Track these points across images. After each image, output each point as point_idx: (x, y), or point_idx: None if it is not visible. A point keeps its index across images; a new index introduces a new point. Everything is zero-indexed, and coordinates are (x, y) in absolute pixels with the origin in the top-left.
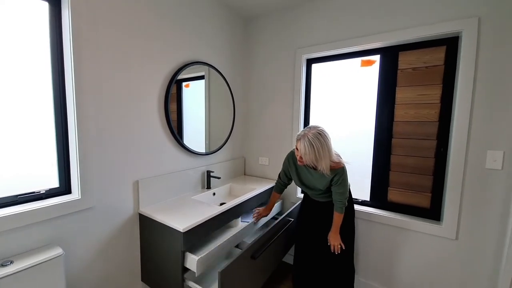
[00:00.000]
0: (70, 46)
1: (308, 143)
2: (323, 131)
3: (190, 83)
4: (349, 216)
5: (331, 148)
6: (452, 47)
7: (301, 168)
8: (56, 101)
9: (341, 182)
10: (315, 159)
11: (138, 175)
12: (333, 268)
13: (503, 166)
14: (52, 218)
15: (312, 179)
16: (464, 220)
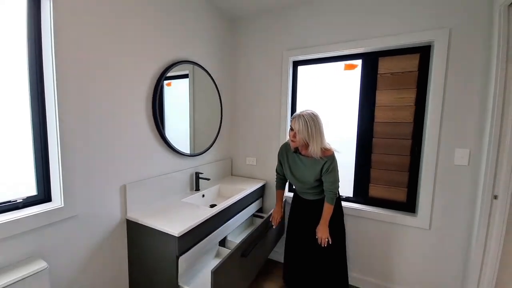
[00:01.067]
0: (51, 44)
1: (303, 120)
2: (318, 115)
3: (172, 82)
4: (338, 213)
5: (323, 132)
6: (425, 55)
7: (293, 158)
8: (34, 99)
9: (331, 170)
10: (307, 136)
11: (125, 179)
12: (326, 266)
13: (469, 162)
14: (32, 229)
15: (304, 169)
16: (436, 212)
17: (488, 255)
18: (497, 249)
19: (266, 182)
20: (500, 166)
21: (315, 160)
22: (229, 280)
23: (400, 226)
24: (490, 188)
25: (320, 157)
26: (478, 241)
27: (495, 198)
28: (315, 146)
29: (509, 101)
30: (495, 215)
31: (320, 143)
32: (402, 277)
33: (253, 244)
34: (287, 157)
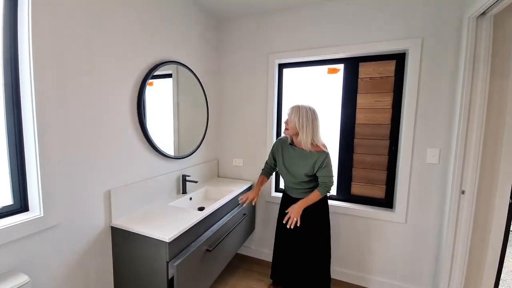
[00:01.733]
0: (28, 45)
1: (296, 110)
2: (315, 110)
3: (154, 81)
4: (325, 211)
5: (316, 127)
6: (401, 61)
7: (287, 150)
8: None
9: (326, 165)
10: (298, 125)
11: (110, 184)
12: (311, 263)
13: (439, 161)
14: (10, 242)
15: (296, 161)
16: (411, 207)
17: (458, 245)
18: (466, 239)
19: (253, 183)
20: (466, 163)
21: (308, 153)
22: (193, 274)
23: (380, 221)
24: (458, 184)
25: (310, 150)
26: (448, 232)
27: (463, 193)
28: (304, 136)
29: (474, 105)
30: (463, 209)
31: (310, 135)
32: (381, 268)
33: (219, 239)
34: (282, 150)
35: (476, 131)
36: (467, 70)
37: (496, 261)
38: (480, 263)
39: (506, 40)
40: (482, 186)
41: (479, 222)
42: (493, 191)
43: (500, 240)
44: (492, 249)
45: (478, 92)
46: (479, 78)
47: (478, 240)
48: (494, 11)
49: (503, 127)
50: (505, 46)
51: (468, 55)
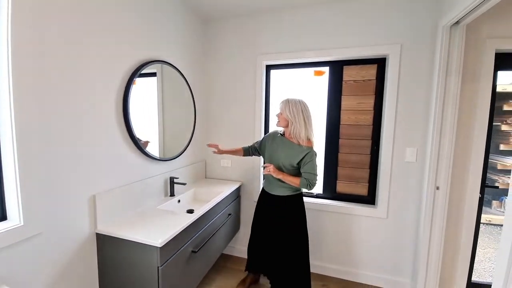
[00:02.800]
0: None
1: (287, 102)
2: (306, 103)
3: (137, 80)
4: (301, 209)
5: (308, 119)
6: (382, 66)
7: (277, 140)
8: None
9: (311, 161)
10: (289, 115)
11: (94, 189)
12: (289, 260)
13: (417, 159)
14: None
15: (282, 150)
16: (392, 203)
17: (434, 237)
18: (441, 231)
19: (242, 183)
20: (440, 161)
21: (295, 145)
22: (179, 275)
23: (363, 217)
24: (433, 180)
25: (299, 143)
26: (425, 225)
27: (437, 189)
28: (298, 126)
29: (447, 107)
30: (438, 203)
31: (302, 126)
32: (365, 261)
33: (204, 240)
34: (272, 140)
35: (449, 131)
36: (441, 75)
37: (469, 251)
38: (455, 253)
39: (477, 48)
40: (455, 182)
41: (452, 215)
42: (464, 186)
43: (472, 231)
44: (465, 239)
45: (451, 96)
46: (451, 82)
47: (452, 231)
48: (467, 21)
49: (473, 127)
50: (475, 53)
51: (442, 61)
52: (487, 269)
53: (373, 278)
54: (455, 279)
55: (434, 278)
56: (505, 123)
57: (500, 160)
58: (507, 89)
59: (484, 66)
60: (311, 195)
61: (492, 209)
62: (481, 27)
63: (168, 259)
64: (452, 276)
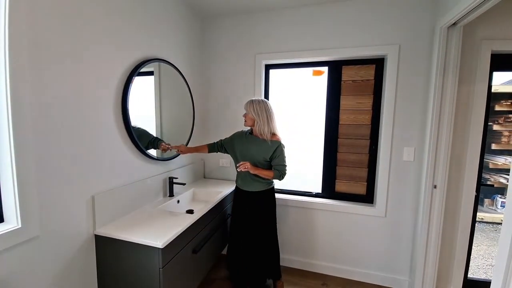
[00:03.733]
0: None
1: (251, 102)
2: (267, 102)
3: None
4: (272, 203)
5: (271, 116)
6: (380, 66)
7: (246, 138)
8: None
9: (280, 154)
10: (254, 114)
11: (93, 190)
12: (262, 252)
13: (415, 159)
14: None
15: (252, 147)
16: (390, 201)
17: (432, 234)
18: (438, 228)
19: None
20: (438, 160)
21: (263, 141)
22: (180, 276)
23: (362, 216)
24: (431, 179)
25: (266, 139)
26: (423, 223)
27: (435, 188)
28: (261, 124)
29: (444, 107)
30: (435, 202)
31: (266, 123)
32: (364, 260)
33: (204, 240)
34: (240, 139)
35: (446, 131)
36: (438, 76)
37: (465, 248)
38: (451, 250)
39: (473, 49)
40: (451, 181)
41: (449, 213)
42: (461, 185)
43: (468, 229)
44: (461, 237)
45: (448, 96)
46: (448, 83)
47: (448, 229)
48: (464, 22)
49: (469, 127)
50: (472, 54)
51: (439, 62)
52: (481, 266)
53: (371, 276)
54: (452, 276)
55: (431, 275)
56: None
57: (492, 160)
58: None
59: (480, 67)
60: (311, 194)
61: (484, 207)
62: (478, 29)
63: (169, 260)
64: (449, 273)
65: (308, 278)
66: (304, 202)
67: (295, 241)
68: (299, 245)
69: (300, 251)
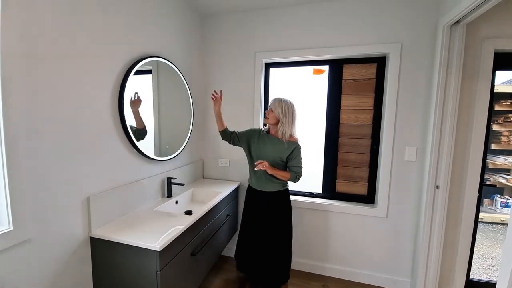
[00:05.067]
0: None
1: (279, 101)
2: (294, 105)
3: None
4: (287, 206)
5: (295, 119)
6: (382, 64)
7: (262, 137)
8: None
9: (297, 155)
10: (281, 114)
11: (88, 191)
12: (274, 254)
13: (416, 158)
14: None
15: (269, 147)
16: (391, 202)
17: (434, 235)
18: (440, 229)
19: (240, 183)
20: (440, 160)
21: (281, 142)
22: (178, 279)
23: (363, 216)
24: (433, 179)
25: (285, 139)
26: (425, 223)
27: (437, 188)
28: (286, 125)
29: (447, 106)
30: (437, 202)
31: (290, 125)
32: (365, 261)
33: (203, 242)
34: (258, 137)
35: (449, 131)
36: (441, 74)
37: (468, 249)
38: (453, 251)
39: (476, 47)
40: (454, 181)
41: (451, 214)
42: (463, 185)
43: (470, 229)
44: (464, 238)
45: (451, 95)
46: (451, 82)
47: (451, 230)
48: (467, 20)
49: (472, 127)
50: (475, 52)
51: (442, 61)
52: (481, 267)
53: (373, 277)
54: (454, 277)
55: (433, 276)
56: (496, 123)
57: (492, 159)
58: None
59: (483, 65)
60: (311, 195)
61: (484, 207)
62: (481, 27)
63: (167, 263)
64: (451, 274)
65: (308, 279)
66: (304, 203)
67: (295, 242)
68: (299, 246)
69: (300, 252)
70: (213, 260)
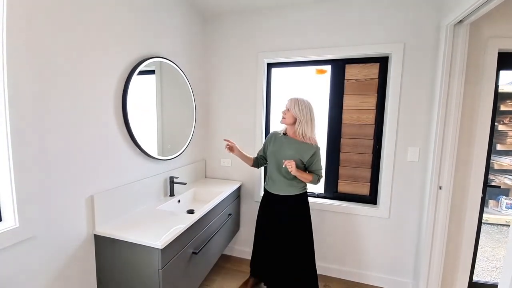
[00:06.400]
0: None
1: (296, 100)
2: (312, 105)
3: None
4: (305, 208)
5: (313, 120)
6: (384, 64)
7: (279, 139)
8: None
9: (318, 158)
10: (298, 113)
11: (92, 189)
12: (295, 261)
13: (419, 159)
14: None
15: (287, 147)
16: (394, 202)
17: (436, 236)
18: (443, 230)
19: (242, 183)
20: (443, 161)
21: (300, 143)
22: (179, 277)
23: (365, 217)
24: (436, 180)
25: (304, 141)
26: (428, 225)
27: (440, 189)
28: (305, 125)
29: (451, 106)
30: (440, 203)
31: (309, 124)
32: (367, 262)
33: (205, 241)
34: (274, 139)
35: (452, 131)
36: (444, 74)
37: (471, 251)
38: (456, 252)
39: (480, 47)
40: (457, 182)
41: (454, 215)
42: (467, 186)
43: (474, 231)
44: (467, 239)
45: (454, 95)
46: (455, 82)
47: (454, 231)
48: (471, 19)
49: (475, 127)
50: (478, 52)
51: (445, 61)
52: (485, 268)
53: (374, 278)
54: (457, 279)
55: (436, 278)
56: (502, 123)
57: (497, 160)
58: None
59: (487, 65)
60: (312, 194)
61: (489, 208)
62: (485, 26)
63: (169, 261)
64: (454, 276)
65: None
66: None
67: None
68: None
69: None
70: (214, 259)
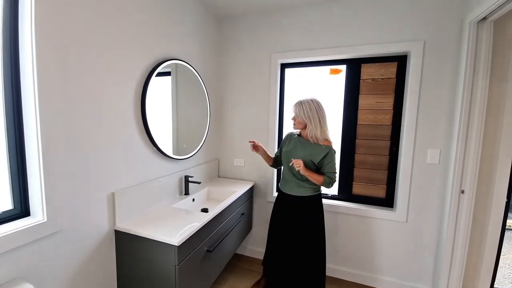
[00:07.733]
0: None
1: (299, 104)
2: (319, 102)
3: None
4: (319, 210)
5: (324, 118)
6: (402, 63)
7: (294, 140)
8: (7, 97)
9: (332, 160)
10: (305, 117)
11: (114, 186)
12: (306, 261)
13: (440, 161)
14: (13, 249)
15: (300, 148)
16: (412, 206)
17: (458, 242)
18: (465, 236)
19: (255, 183)
20: (466, 164)
21: (314, 144)
22: (194, 274)
23: (381, 220)
24: (458, 183)
25: (317, 142)
26: (448, 230)
27: (462, 193)
28: (313, 127)
29: (474, 107)
30: (463, 208)
31: (318, 126)
32: (383, 266)
33: (218, 240)
34: (289, 141)
35: (476, 133)
36: (468, 73)
37: (493, 258)
38: (478, 259)
39: (505, 45)
40: (481, 186)
41: (477, 220)
42: (491, 190)
43: (497, 237)
44: (489, 246)
45: (478, 95)
46: (479, 81)
47: (476, 237)
48: (494, 17)
49: (501, 129)
50: (504, 51)
51: (469, 59)
52: (507, 276)
53: (390, 284)
54: (478, 286)
55: (456, 285)
56: None
57: None
58: None
59: None
60: (326, 196)
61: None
62: (509, 23)
63: (184, 258)
64: (475, 284)
65: None
66: None
67: None
68: None
69: None
70: (227, 258)
